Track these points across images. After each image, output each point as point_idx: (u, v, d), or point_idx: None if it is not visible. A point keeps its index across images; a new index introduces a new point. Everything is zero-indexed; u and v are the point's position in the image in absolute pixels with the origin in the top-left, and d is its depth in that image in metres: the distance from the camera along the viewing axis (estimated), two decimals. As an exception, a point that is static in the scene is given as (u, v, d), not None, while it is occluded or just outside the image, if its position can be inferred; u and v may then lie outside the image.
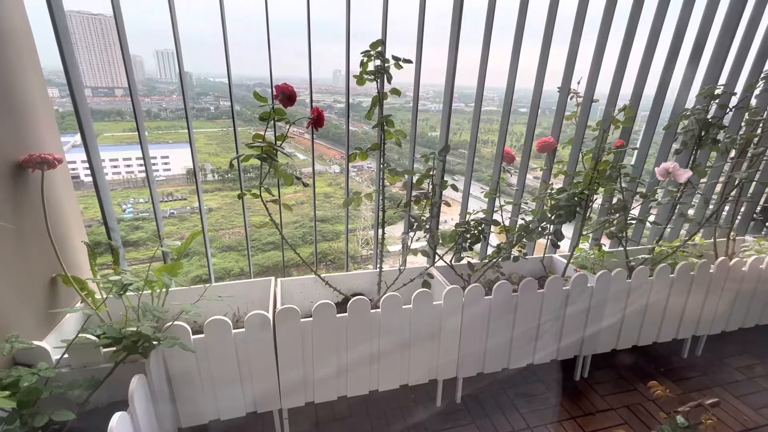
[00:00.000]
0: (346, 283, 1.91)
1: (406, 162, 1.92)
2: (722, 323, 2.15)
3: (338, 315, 1.48)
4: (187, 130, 1.65)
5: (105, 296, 1.32)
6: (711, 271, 1.98)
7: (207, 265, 1.85)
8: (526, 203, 1.92)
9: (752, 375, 2.12)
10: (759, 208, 2.65)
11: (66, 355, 1.19)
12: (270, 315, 1.43)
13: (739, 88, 2.20)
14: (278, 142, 1.55)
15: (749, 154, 2.02)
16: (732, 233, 2.39)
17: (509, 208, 2.01)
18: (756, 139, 2.07)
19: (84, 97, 1.39)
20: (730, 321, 2.16)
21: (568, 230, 2.23)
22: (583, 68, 1.98)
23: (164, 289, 1.48)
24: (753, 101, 2.19)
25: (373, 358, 1.58)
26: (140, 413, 1.12)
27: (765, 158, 2.13)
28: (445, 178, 1.86)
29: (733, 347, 2.30)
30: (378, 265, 1.88)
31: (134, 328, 1.16)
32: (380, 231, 1.84)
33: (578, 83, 1.99)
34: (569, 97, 2.03)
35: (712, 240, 2.31)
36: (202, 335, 1.34)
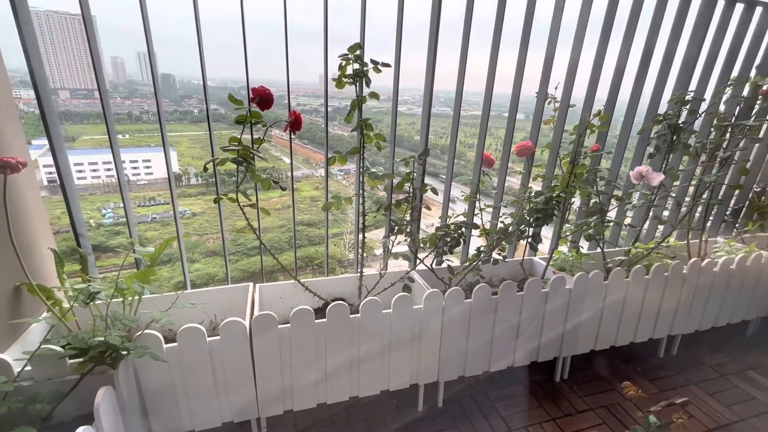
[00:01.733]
0: (326, 288, 1.89)
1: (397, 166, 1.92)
2: (696, 322, 2.21)
3: (317, 321, 1.46)
4: (169, 133, 1.62)
5: (71, 305, 1.27)
6: (684, 271, 2.03)
7: (183, 272, 1.80)
8: (506, 206, 1.93)
9: (724, 372, 2.18)
10: (729, 211, 2.74)
11: (29, 368, 1.13)
12: (247, 322, 1.41)
13: (708, 94, 2.28)
14: (255, 146, 1.53)
15: (718, 158, 2.09)
16: (704, 235, 2.46)
17: (491, 210, 2.03)
18: (725, 143, 2.15)
19: (51, 99, 1.34)
20: (703, 320, 2.22)
21: (548, 233, 2.27)
22: (560, 74, 2.02)
23: (136, 297, 1.43)
24: (721, 107, 2.26)
25: (353, 364, 1.56)
26: (107, 427, 1.08)
27: (733, 162, 2.21)
28: (427, 182, 1.87)
29: (707, 346, 2.37)
30: (359, 270, 1.87)
31: (102, 338, 1.11)
32: (360, 235, 1.83)
33: (555, 88, 2.03)
34: (547, 102, 2.06)
35: (686, 242, 2.38)
36: (176, 344, 1.30)
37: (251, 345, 1.40)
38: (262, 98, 1.43)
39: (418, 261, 1.89)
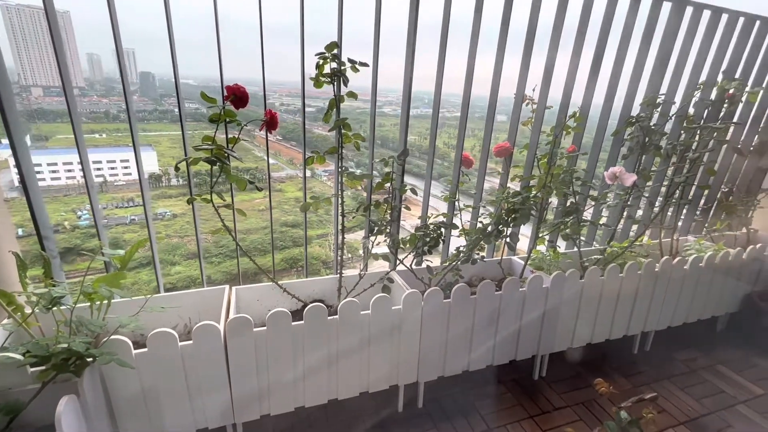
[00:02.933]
0: (305, 290, 1.86)
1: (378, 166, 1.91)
2: (668, 319, 2.27)
3: (294, 323, 1.44)
4: (149, 133, 1.59)
5: (33, 310, 1.22)
6: (656, 269, 2.09)
7: (156, 275, 1.75)
8: (484, 206, 1.95)
9: (695, 367, 2.25)
10: (699, 210, 2.84)
11: (-15, 377, 1.08)
12: (221, 325, 1.37)
13: (678, 97, 2.35)
14: (230, 145, 1.50)
15: (688, 159, 2.16)
16: (675, 234, 2.54)
17: (471, 211, 2.04)
18: (694, 145, 2.22)
19: (12, 96, 1.28)
20: (674, 317, 2.29)
21: (528, 232, 2.30)
22: (537, 76, 2.05)
23: (105, 302, 1.38)
24: (691, 110, 2.34)
25: (331, 366, 1.54)
26: (70, 437, 1.03)
27: (702, 163, 2.28)
28: (413, 182, 1.87)
29: (678, 341, 2.44)
30: (338, 271, 1.85)
31: (65, 345, 1.07)
32: (340, 236, 1.82)
33: (533, 90, 2.06)
34: (525, 103, 2.09)
35: (658, 240, 2.44)
36: (146, 349, 1.26)
37: (226, 349, 1.36)
38: (237, 96, 1.40)
39: (398, 261, 1.88)
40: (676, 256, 2.38)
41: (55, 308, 1.21)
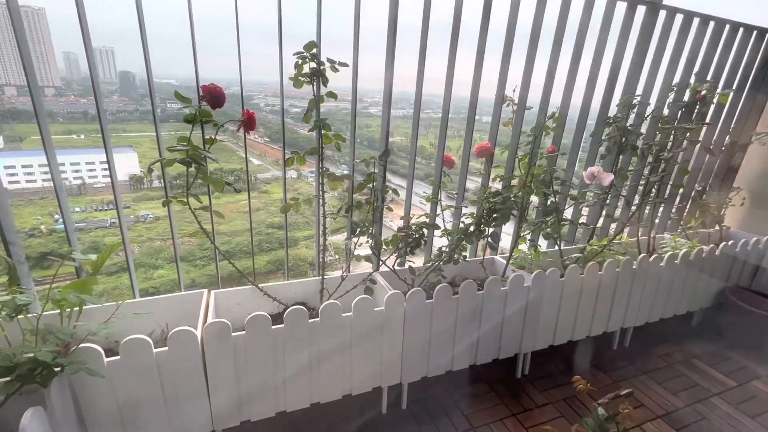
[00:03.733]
0: (287, 293, 1.84)
1: (362, 166, 1.89)
2: (645, 315, 2.33)
3: (274, 327, 1.41)
4: (130, 133, 1.55)
5: (-3, 320, 1.16)
6: (634, 267, 2.14)
7: (131, 280, 1.70)
8: (466, 206, 1.96)
9: (671, 361, 2.31)
10: (675, 208, 2.92)
11: (-56, 391, 1.02)
12: (199, 331, 1.34)
13: (653, 98, 2.41)
14: (207, 146, 1.47)
15: (662, 159, 2.21)
16: (652, 231, 2.61)
17: (453, 211, 2.05)
18: (669, 145, 2.28)
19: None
20: (652, 312, 2.34)
21: (511, 231, 2.32)
22: (516, 78, 2.07)
23: (76, 309, 1.33)
24: (666, 111, 2.40)
25: (313, 370, 1.52)
26: (36, 451, 0.99)
27: (676, 163, 2.34)
28: (399, 183, 1.87)
29: (656, 337, 2.50)
30: (320, 272, 1.83)
31: (30, 354, 1.02)
32: (322, 238, 1.80)
33: (513, 91, 2.08)
34: (506, 104, 2.11)
35: (636, 238, 2.50)
36: (118, 357, 1.22)
37: (203, 355, 1.33)
38: (213, 96, 1.37)
39: (381, 263, 1.87)
40: (653, 253, 2.44)
41: (21, 316, 1.16)
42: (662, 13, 2.21)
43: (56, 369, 1.06)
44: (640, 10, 2.15)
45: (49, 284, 1.22)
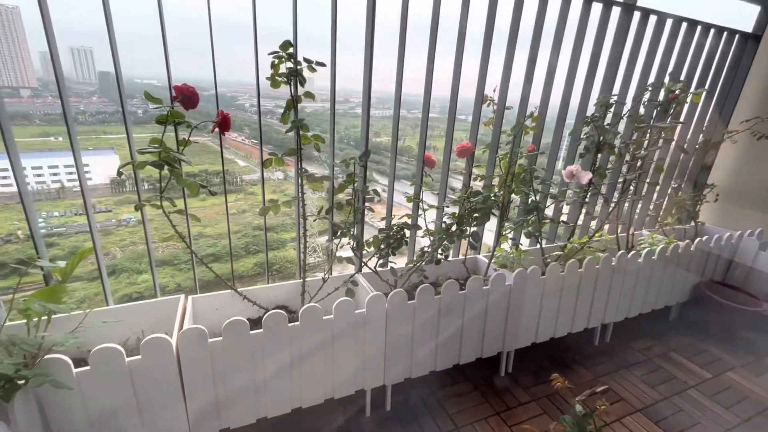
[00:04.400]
0: (267, 296, 1.81)
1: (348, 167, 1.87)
2: (625, 310, 2.37)
3: (253, 332, 1.39)
4: (110, 135, 1.50)
5: (-44, 332, 1.11)
6: (613, 263, 2.17)
7: (103, 286, 1.64)
8: (448, 206, 1.96)
9: (650, 355, 2.35)
10: (652, 205, 2.98)
11: None
12: (174, 338, 1.31)
13: (629, 98, 2.46)
14: (180, 148, 1.43)
15: (639, 158, 2.26)
16: (631, 228, 2.66)
17: (435, 211, 2.05)
18: (645, 143, 2.32)
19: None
20: (631, 308, 2.39)
21: (494, 230, 2.33)
22: (496, 78, 2.09)
23: (45, 318, 1.28)
24: (642, 110, 2.45)
25: (294, 374, 1.50)
26: (-2, 469, 0.94)
27: (652, 161, 2.39)
28: (383, 183, 1.85)
29: (635, 332, 2.55)
30: (301, 275, 1.81)
31: (-9, 368, 0.97)
32: (302, 239, 1.78)
33: (494, 91, 2.09)
34: (486, 104, 2.12)
35: (615, 235, 2.55)
36: (88, 367, 1.17)
37: (179, 363, 1.29)
38: (185, 97, 1.34)
39: (362, 264, 1.86)
40: (631, 250, 2.49)
41: (-19, 328, 1.11)
42: (636, 14, 2.26)
43: (20, 382, 1.02)
44: (615, 11, 2.19)
45: (27, 291, 1.18)
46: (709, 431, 1.82)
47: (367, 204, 1.99)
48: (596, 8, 2.13)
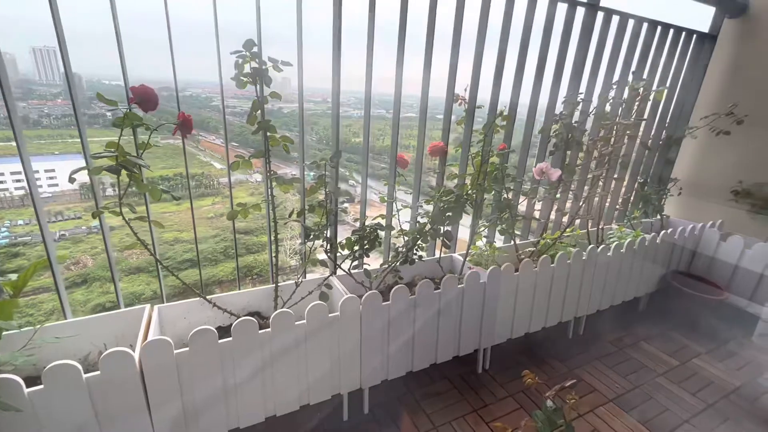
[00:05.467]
0: (239, 302, 1.76)
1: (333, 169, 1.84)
2: (596, 303, 2.43)
3: (222, 341, 1.34)
4: (78, 140, 1.44)
5: None
6: (584, 258, 2.22)
7: (59, 299, 1.56)
8: (421, 206, 1.96)
9: (621, 346, 2.43)
10: (620, 200, 3.07)
11: None
12: (137, 350, 1.25)
13: (596, 96, 2.52)
14: (140, 151, 1.37)
15: (605, 155, 2.32)
16: (601, 223, 2.73)
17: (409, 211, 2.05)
18: (612, 140, 2.39)
19: None
20: (602, 300, 2.45)
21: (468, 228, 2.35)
22: (467, 77, 2.10)
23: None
24: (608, 108, 2.52)
25: (266, 382, 1.46)
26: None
27: (618, 158, 2.47)
28: (369, 184, 1.83)
29: (607, 323, 2.62)
30: (274, 280, 1.77)
31: (-72, 393, 0.90)
32: (274, 244, 1.74)
33: (465, 90, 2.10)
34: (458, 103, 2.13)
35: (586, 230, 2.61)
36: (41, 387, 1.11)
37: (143, 376, 1.24)
38: (143, 98, 1.28)
39: (336, 266, 1.84)
40: (601, 244, 2.55)
41: None
42: (600, 15, 2.32)
43: (-38, 406, 0.95)
44: (580, 11, 2.24)
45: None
46: (676, 418, 1.88)
47: (346, 204, 1.98)
48: (561, 8, 2.17)
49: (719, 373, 2.22)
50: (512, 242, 2.30)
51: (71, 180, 1.20)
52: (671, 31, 2.68)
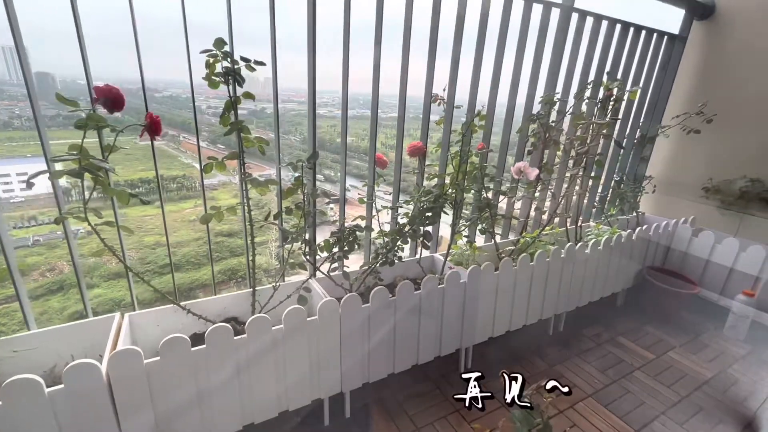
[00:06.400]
0: (215, 308, 1.71)
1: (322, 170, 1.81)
2: (576, 300, 2.47)
3: (194, 348, 1.30)
4: (52, 141, 1.37)
5: None
6: (562, 255, 2.25)
7: (21, 309, 1.48)
8: (401, 206, 1.95)
9: (600, 341, 2.47)
10: (597, 198, 3.14)
11: None
12: (104, 362, 1.20)
13: (572, 95, 2.56)
14: (106, 154, 1.32)
15: (582, 154, 2.35)
16: (579, 221, 2.78)
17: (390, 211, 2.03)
18: (588, 139, 2.43)
19: None
20: (581, 297, 2.49)
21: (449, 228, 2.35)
22: (445, 77, 2.10)
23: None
24: (584, 107, 2.57)
25: (243, 390, 1.43)
26: None
27: (595, 156, 2.51)
28: (353, 183, 1.80)
29: (586, 319, 2.66)
30: (251, 284, 1.73)
31: None
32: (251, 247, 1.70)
33: (443, 90, 2.10)
34: (437, 103, 2.13)
35: (565, 228, 2.65)
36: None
37: (110, 389, 1.19)
38: (109, 99, 1.23)
39: (316, 269, 1.81)
40: (579, 241, 2.60)
41: None
42: (575, 16, 2.35)
43: None
44: (555, 12, 2.27)
45: None
46: (653, 411, 1.92)
47: (331, 205, 1.95)
48: (537, 9, 2.20)
49: (692, 365, 2.28)
50: (492, 241, 2.32)
51: (29, 185, 1.14)
52: (643, 32, 2.75)
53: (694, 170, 3.05)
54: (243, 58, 1.41)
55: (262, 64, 1.47)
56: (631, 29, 2.66)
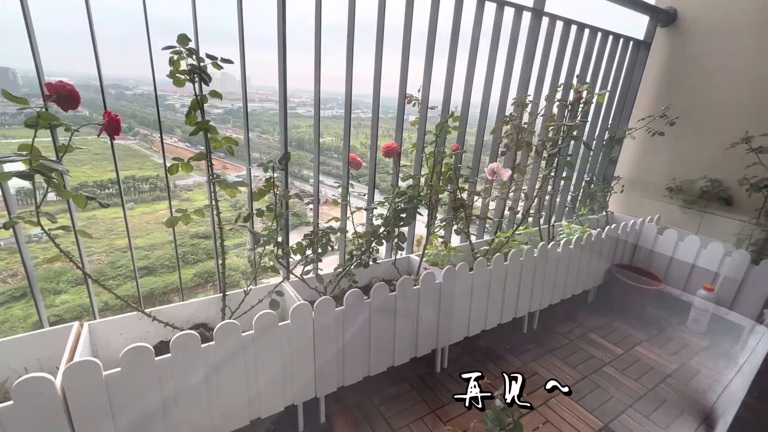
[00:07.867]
0: (184, 314, 1.65)
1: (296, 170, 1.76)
2: (548, 298, 2.52)
3: (159, 358, 1.25)
4: (12, 140, 1.26)
5: None
6: (535, 254, 2.30)
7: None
8: (376, 207, 1.94)
9: (572, 338, 2.53)
10: (569, 198, 3.22)
11: None
12: (59, 376, 1.13)
13: (543, 98, 2.61)
14: (60, 154, 1.25)
15: (553, 155, 2.40)
16: (551, 220, 2.84)
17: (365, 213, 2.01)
18: (560, 140, 2.48)
19: None
20: (554, 295, 2.55)
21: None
22: (417, 79, 2.10)
23: None
24: (554, 110, 2.62)
25: (212, 399, 1.38)
26: None
27: (565, 157, 2.57)
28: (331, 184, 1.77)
29: (559, 316, 2.73)
30: (221, 289, 1.67)
31: None
32: (220, 250, 1.64)
33: (418, 91, 2.10)
34: (411, 104, 2.13)
35: (538, 228, 2.70)
36: (-62, 424, 0.97)
37: (66, 404, 1.12)
38: (62, 96, 1.16)
39: (289, 272, 1.77)
40: (552, 240, 2.65)
41: None
42: (545, 20, 2.40)
43: None
44: (526, 16, 2.31)
45: None
46: (621, 404, 1.98)
47: (311, 205, 1.92)
48: (508, 12, 2.23)
49: (658, 359, 2.37)
50: (468, 241, 2.34)
51: (-28, 187, 1.06)
52: (610, 37, 2.84)
53: (659, 171, 3.17)
54: (209, 56, 1.37)
55: (229, 62, 1.43)
56: (599, 34, 2.75)
